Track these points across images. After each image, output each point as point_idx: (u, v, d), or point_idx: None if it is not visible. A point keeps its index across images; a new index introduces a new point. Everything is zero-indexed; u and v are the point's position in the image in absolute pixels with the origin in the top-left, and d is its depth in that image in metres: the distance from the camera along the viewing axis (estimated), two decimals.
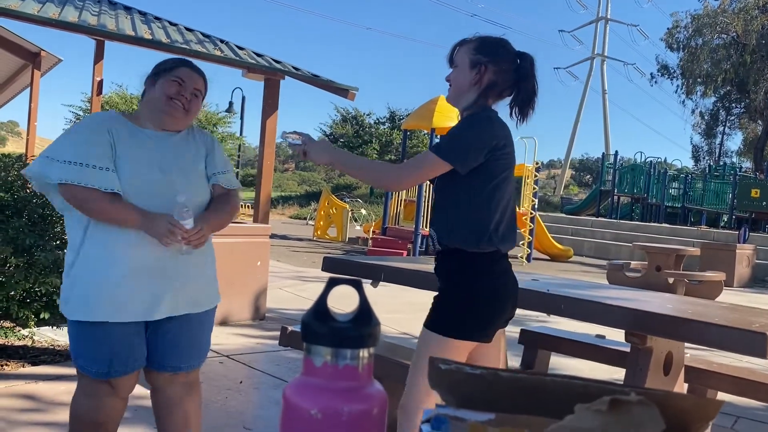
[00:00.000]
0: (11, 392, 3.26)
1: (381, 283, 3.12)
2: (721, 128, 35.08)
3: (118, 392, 2.09)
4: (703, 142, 36.41)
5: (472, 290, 1.95)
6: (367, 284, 3.03)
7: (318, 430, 0.49)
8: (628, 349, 2.64)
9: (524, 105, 2.02)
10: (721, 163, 28.84)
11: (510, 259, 2.09)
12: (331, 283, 0.53)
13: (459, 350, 1.95)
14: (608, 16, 41.03)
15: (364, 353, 0.52)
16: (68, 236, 2.07)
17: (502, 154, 1.95)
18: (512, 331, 4.03)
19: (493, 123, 1.96)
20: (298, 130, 2.04)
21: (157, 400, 2.22)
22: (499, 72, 1.98)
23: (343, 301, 0.91)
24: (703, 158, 35.97)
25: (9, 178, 3.78)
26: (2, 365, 3.67)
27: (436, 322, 1.97)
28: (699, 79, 30.37)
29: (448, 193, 1.98)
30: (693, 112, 35.43)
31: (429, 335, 1.97)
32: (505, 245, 1.99)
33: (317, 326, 0.52)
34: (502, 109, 2.07)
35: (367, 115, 31.79)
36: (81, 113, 25.05)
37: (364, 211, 20.45)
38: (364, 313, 0.53)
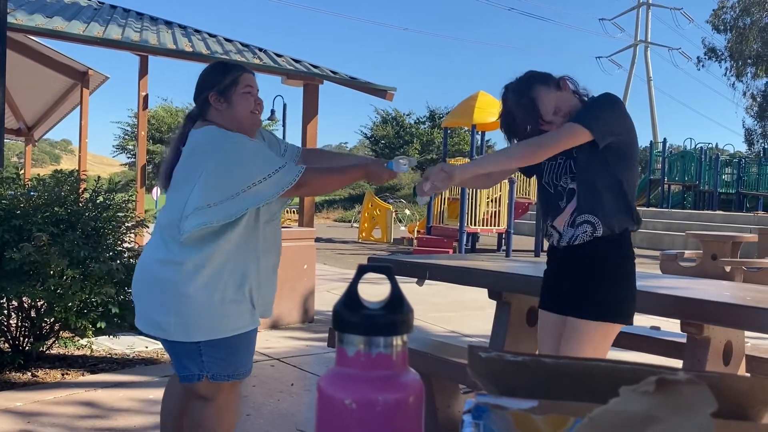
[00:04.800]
0: (72, 400, 3.36)
1: (427, 282, 3.10)
2: None
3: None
4: (756, 125, 35.05)
5: (633, 271, 2.07)
6: (412, 283, 3.02)
7: (353, 420, 0.48)
8: (684, 340, 2.55)
9: None
10: None
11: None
12: (361, 271, 0.52)
13: (613, 336, 2.05)
14: (650, 1, 39.98)
15: (397, 341, 0.51)
16: (199, 257, 2.00)
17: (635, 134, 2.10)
18: None
19: (622, 104, 2.09)
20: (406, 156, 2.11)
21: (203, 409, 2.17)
22: (561, 77, 2.16)
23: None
24: (757, 141, 34.59)
25: (62, 193, 3.91)
26: (63, 374, 3.79)
27: (604, 309, 2.01)
28: (749, 60, 29.33)
29: (601, 178, 2.04)
30: (744, 94, 34.16)
31: (594, 326, 2.01)
32: None
33: (348, 315, 0.51)
34: None
35: (407, 115, 31.73)
36: (129, 129, 25.77)
37: (408, 212, 20.44)
38: (396, 299, 0.52)
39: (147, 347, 4.39)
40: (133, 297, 2.13)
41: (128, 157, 29.00)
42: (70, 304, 3.57)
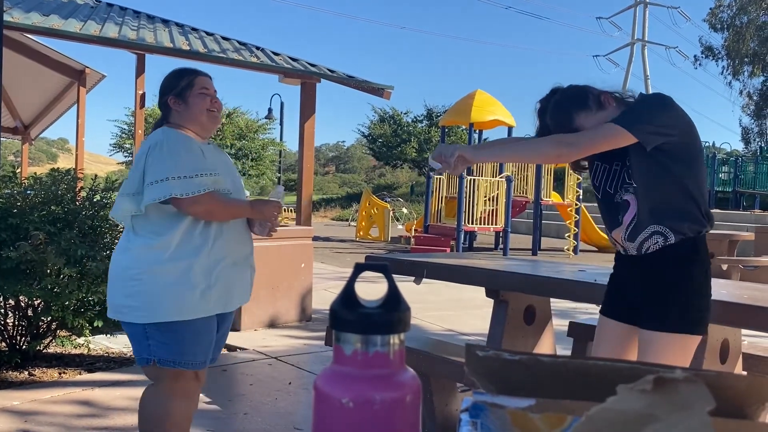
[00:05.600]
0: (69, 399, 3.36)
1: (424, 280, 3.10)
2: None
3: (201, 384, 2.25)
4: (753, 124, 35.15)
5: (709, 277, 1.93)
6: (410, 282, 3.02)
7: (350, 419, 0.48)
8: None
9: None
10: None
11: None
12: (359, 269, 0.52)
13: (694, 348, 1.92)
14: (647, 0, 40.03)
15: (394, 339, 0.51)
16: (142, 245, 2.14)
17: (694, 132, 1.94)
18: (561, 324, 3.96)
19: (674, 103, 1.92)
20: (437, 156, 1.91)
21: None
22: (601, 91, 2.01)
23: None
24: (754, 140, 34.68)
25: (59, 192, 3.90)
26: (60, 373, 3.79)
27: (686, 320, 1.88)
28: (746, 59, 29.40)
29: (662, 184, 1.89)
30: (741, 93, 34.25)
31: (677, 338, 1.87)
32: None
33: (345, 313, 0.51)
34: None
35: (405, 113, 31.73)
36: (126, 127, 25.74)
37: (405, 210, 20.45)
38: (393, 298, 0.52)
39: None
40: None
41: (125, 156, 28.93)
42: (67, 302, 3.56)
